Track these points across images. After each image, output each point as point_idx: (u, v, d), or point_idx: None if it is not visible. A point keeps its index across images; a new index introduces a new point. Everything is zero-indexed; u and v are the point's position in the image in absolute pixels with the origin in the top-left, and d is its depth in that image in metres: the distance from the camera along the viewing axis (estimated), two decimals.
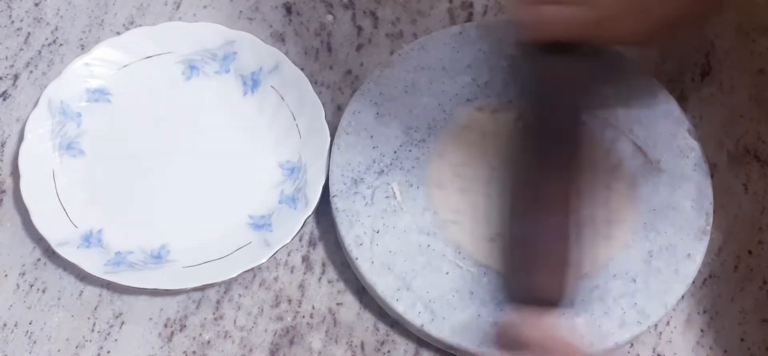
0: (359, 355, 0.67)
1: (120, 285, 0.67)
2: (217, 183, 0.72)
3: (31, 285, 0.68)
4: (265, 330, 0.67)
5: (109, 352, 0.66)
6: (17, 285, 0.68)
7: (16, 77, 0.76)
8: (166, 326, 0.67)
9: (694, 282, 0.68)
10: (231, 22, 0.78)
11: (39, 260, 0.69)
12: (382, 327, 0.68)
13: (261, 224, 0.70)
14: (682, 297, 0.67)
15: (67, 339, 0.67)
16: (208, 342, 0.67)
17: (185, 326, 0.67)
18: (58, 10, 0.79)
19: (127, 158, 0.73)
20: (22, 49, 0.77)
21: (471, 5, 0.80)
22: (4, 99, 0.75)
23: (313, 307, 0.68)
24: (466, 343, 0.65)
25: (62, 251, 0.67)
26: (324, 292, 0.69)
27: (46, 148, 0.72)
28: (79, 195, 0.71)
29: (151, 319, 0.67)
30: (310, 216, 0.69)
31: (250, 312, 0.68)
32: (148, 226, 0.70)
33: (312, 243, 0.71)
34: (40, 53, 0.77)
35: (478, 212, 0.68)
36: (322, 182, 0.70)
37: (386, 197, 0.69)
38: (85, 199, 0.71)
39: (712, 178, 0.71)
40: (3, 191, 0.72)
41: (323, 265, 0.70)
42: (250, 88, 0.75)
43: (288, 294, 0.69)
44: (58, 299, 0.68)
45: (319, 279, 0.69)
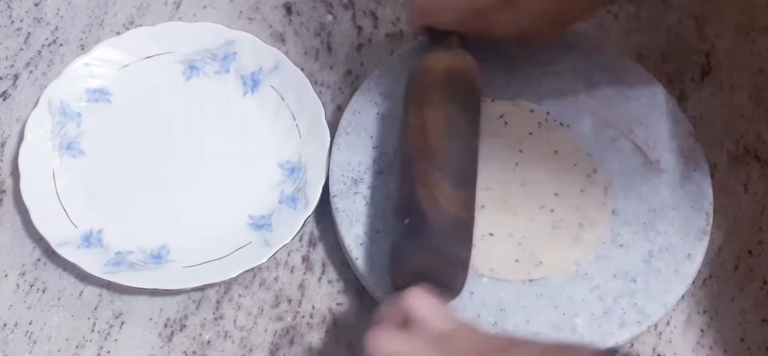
0: (359, 355, 0.67)
1: (120, 285, 0.67)
2: (217, 183, 0.72)
3: (31, 285, 0.68)
4: (265, 330, 0.67)
5: (109, 352, 0.66)
6: (17, 285, 0.68)
7: (16, 77, 0.76)
8: (166, 326, 0.67)
9: (694, 282, 0.68)
10: (231, 22, 0.78)
11: (39, 260, 0.69)
12: None
13: (261, 224, 0.70)
14: (682, 297, 0.67)
15: (67, 339, 0.67)
16: (208, 342, 0.67)
17: (185, 326, 0.67)
18: (58, 10, 0.79)
19: (127, 158, 0.73)
20: (22, 49, 0.77)
21: None
22: (4, 99, 0.75)
23: (313, 307, 0.68)
24: None
25: (62, 251, 0.67)
26: (324, 292, 0.69)
27: (46, 148, 0.72)
28: (79, 195, 0.71)
29: (151, 319, 0.67)
30: (310, 216, 0.69)
31: (250, 312, 0.68)
32: (148, 226, 0.70)
33: (312, 243, 0.70)
34: (40, 53, 0.77)
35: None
36: (322, 182, 0.70)
37: (386, 197, 0.69)
38: (85, 199, 0.71)
39: (712, 178, 0.71)
40: (3, 191, 0.72)
41: (323, 265, 0.70)
42: (250, 88, 0.75)
43: (288, 294, 0.69)
44: (58, 299, 0.68)
45: (319, 279, 0.69)
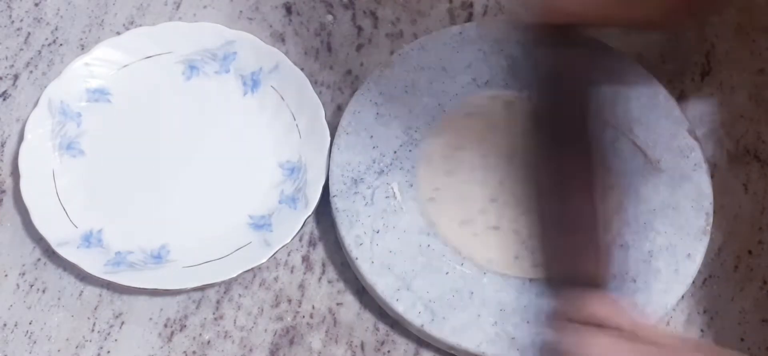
0: (359, 355, 0.67)
1: (120, 285, 0.67)
2: (217, 183, 0.72)
3: (31, 285, 0.68)
4: (265, 330, 0.67)
5: (109, 352, 0.66)
6: (17, 285, 0.68)
7: (16, 77, 0.76)
8: (166, 326, 0.67)
9: (694, 282, 0.68)
10: (231, 22, 0.78)
11: (39, 260, 0.69)
12: (382, 327, 0.68)
13: (261, 224, 0.70)
14: (682, 297, 0.67)
15: (67, 339, 0.67)
16: (208, 342, 0.67)
17: (185, 326, 0.67)
18: (58, 10, 0.79)
19: (127, 158, 0.73)
20: (22, 49, 0.77)
21: (471, 5, 0.80)
22: (4, 99, 0.75)
23: (313, 307, 0.68)
24: (466, 343, 0.65)
25: (62, 251, 0.67)
26: (324, 292, 0.69)
27: (46, 148, 0.72)
28: (79, 195, 0.71)
29: (151, 319, 0.67)
30: (310, 216, 0.69)
31: (250, 312, 0.68)
32: (148, 226, 0.70)
33: (312, 243, 0.70)
34: (40, 53, 0.77)
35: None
36: (322, 182, 0.70)
37: (386, 197, 0.69)
38: (85, 199, 0.71)
39: (712, 178, 0.71)
40: (3, 191, 0.72)
41: (323, 265, 0.70)
42: (250, 88, 0.75)
43: (288, 294, 0.69)
44: (58, 299, 0.68)
45: (319, 279, 0.69)
